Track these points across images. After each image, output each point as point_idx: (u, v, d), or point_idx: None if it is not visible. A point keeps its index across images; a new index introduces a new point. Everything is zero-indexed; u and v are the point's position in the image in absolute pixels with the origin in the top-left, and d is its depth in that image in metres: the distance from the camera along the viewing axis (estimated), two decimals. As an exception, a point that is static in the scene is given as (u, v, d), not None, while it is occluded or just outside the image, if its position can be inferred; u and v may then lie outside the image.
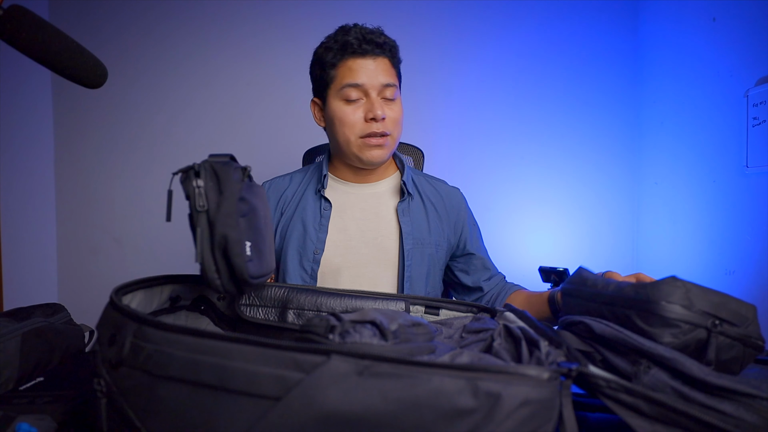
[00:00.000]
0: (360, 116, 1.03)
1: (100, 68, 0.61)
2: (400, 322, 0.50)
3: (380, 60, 1.04)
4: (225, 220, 0.57)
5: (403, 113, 1.11)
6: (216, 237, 0.56)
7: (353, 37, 1.03)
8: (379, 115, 1.01)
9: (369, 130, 1.03)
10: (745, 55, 1.57)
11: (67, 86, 1.90)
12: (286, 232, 1.12)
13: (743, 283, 1.57)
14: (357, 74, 1.02)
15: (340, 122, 1.05)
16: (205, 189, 0.58)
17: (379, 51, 1.04)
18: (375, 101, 1.03)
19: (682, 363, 0.46)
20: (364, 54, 1.03)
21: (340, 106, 1.04)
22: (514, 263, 2.08)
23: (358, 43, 1.03)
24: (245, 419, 0.38)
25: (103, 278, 2.04)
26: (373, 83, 1.03)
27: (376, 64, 1.03)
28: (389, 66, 1.06)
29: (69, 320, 0.81)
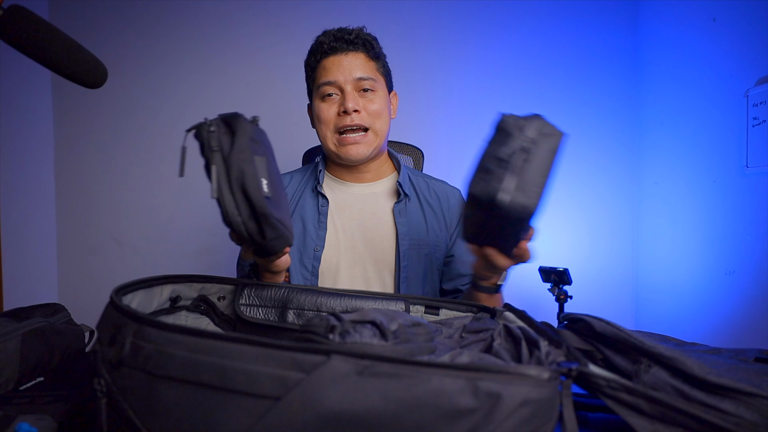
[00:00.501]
0: (334, 111, 1.06)
1: (100, 68, 0.61)
2: (400, 322, 0.50)
3: (354, 55, 1.06)
4: (239, 156, 0.59)
5: (390, 108, 1.12)
6: (232, 173, 0.59)
7: (326, 38, 1.07)
8: (350, 107, 1.03)
9: (342, 124, 1.05)
10: (745, 55, 1.57)
11: (67, 86, 1.90)
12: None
13: (743, 283, 1.57)
14: (330, 71, 1.05)
15: (318, 119, 1.08)
16: (217, 134, 0.61)
17: (351, 47, 1.06)
18: (348, 94, 1.04)
19: (683, 362, 0.46)
20: (335, 51, 1.06)
21: (318, 104, 1.08)
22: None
23: (329, 42, 1.06)
24: (245, 419, 0.38)
25: (103, 278, 2.04)
26: (347, 78, 1.05)
27: (349, 59, 1.06)
28: (365, 59, 1.08)
29: (69, 320, 0.81)
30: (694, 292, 1.78)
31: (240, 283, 0.73)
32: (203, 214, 2.06)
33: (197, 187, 2.05)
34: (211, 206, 2.28)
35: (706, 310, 1.72)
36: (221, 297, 0.74)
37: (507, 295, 2.23)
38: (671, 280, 1.91)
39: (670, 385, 0.46)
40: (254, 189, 0.59)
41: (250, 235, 0.61)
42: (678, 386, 0.45)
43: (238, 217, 0.59)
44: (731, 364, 0.55)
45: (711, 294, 1.70)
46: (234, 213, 0.59)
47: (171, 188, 2.06)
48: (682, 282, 1.85)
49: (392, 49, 2.13)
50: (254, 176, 0.59)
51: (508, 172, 0.63)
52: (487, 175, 0.64)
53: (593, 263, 2.08)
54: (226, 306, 0.74)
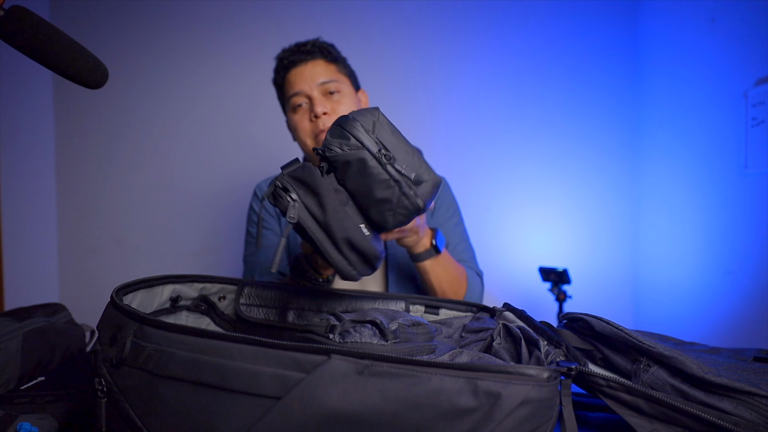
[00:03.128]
0: (307, 119, 1.10)
1: (100, 68, 0.62)
2: (400, 322, 0.50)
3: (313, 63, 1.11)
4: (336, 216, 0.59)
5: (359, 105, 1.14)
6: (336, 234, 0.59)
7: (285, 53, 1.13)
8: (319, 111, 1.07)
9: (317, 129, 1.08)
10: (744, 55, 1.57)
11: (67, 86, 1.91)
12: (289, 232, 1.14)
13: (743, 283, 1.58)
14: (295, 83, 1.10)
15: (295, 131, 1.13)
16: (300, 198, 0.60)
17: (309, 56, 1.11)
18: (316, 99, 1.08)
19: (682, 361, 0.46)
20: (296, 63, 1.11)
21: (291, 117, 1.13)
22: (514, 263, 2.08)
23: (289, 56, 1.12)
24: (245, 418, 0.38)
25: (103, 278, 2.04)
26: (311, 85, 1.09)
27: (310, 68, 1.10)
28: (325, 64, 1.12)
29: (70, 320, 0.82)
30: (694, 291, 1.78)
31: (240, 282, 0.74)
32: (203, 214, 2.06)
33: (197, 187, 2.06)
34: (211, 206, 2.27)
35: (705, 309, 1.72)
36: (222, 297, 0.74)
37: (507, 295, 2.24)
38: (671, 280, 1.91)
39: (670, 384, 0.46)
40: (360, 240, 0.60)
41: (361, 275, 0.63)
42: (677, 386, 0.46)
43: (354, 272, 0.61)
44: (730, 364, 0.55)
45: (710, 294, 1.70)
46: (345, 265, 0.61)
47: (171, 188, 2.06)
48: (681, 282, 1.85)
49: (392, 49, 2.13)
50: (356, 229, 0.61)
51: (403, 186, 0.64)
52: (385, 205, 0.64)
53: (593, 263, 2.08)
54: (227, 306, 0.74)
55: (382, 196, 0.62)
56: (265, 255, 1.14)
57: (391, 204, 0.63)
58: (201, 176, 2.06)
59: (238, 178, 2.03)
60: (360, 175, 0.62)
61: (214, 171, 2.06)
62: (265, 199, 1.19)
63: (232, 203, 2.04)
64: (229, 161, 2.06)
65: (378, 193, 0.62)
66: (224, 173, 2.06)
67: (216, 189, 2.06)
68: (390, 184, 0.62)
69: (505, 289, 2.06)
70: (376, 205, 0.63)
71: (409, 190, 0.63)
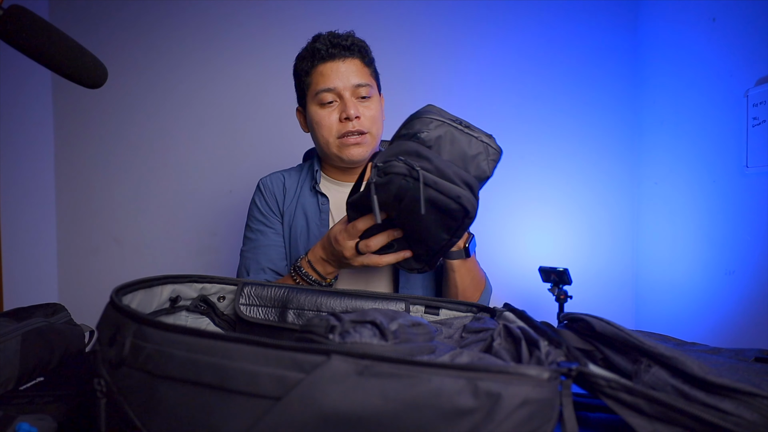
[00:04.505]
0: (335, 118, 1.08)
1: (100, 68, 0.61)
2: (400, 322, 0.50)
3: (350, 61, 1.08)
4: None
5: (382, 111, 1.14)
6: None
7: (321, 44, 1.08)
8: (352, 114, 1.05)
9: (345, 130, 1.07)
10: (745, 55, 1.57)
11: (67, 86, 1.90)
12: (291, 228, 1.15)
13: (743, 283, 1.57)
14: (328, 78, 1.07)
15: (318, 125, 1.09)
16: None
17: (347, 53, 1.08)
18: (348, 101, 1.06)
19: (683, 362, 0.46)
20: (333, 58, 1.07)
21: (316, 111, 1.09)
22: (514, 263, 2.08)
23: (326, 48, 1.07)
24: (245, 419, 0.38)
25: (103, 278, 2.04)
26: (345, 84, 1.07)
27: (346, 66, 1.07)
28: (361, 66, 1.10)
29: (69, 320, 0.81)
30: (694, 292, 1.78)
31: (240, 283, 0.74)
32: (203, 214, 2.06)
33: (197, 187, 2.05)
34: (211, 206, 2.28)
35: (706, 310, 1.72)
36: (221, 297, 0.74)
37: (507, 295, 2.24)
38: (671, 280, 1.91)
39: (670, 384, 0.46)
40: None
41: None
42: (678, 386, 0.45)
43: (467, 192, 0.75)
44: (731, 364, 0.55)
45: (711, 294, 1.70)
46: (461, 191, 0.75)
47: (171, 188, 2.06)
48: (682, 282, 1.85)
49: (392, 48, 2.13)
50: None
51: (482, 138, 0.81)
52: (479, 156, 0.79)
53: (593, 263, 2.08)
54: (226, 306, 0.74)
55: (474, 151, 0.80)
56: (264, 254, 1.14)
57: (483, 154, 0.80)
58: (201, 176, 2.06)
59: (238, 178, 2.03)
60: (454, 143, 0.79)
61: (214, 171, 2.06)
62: (268, 195, 1.19)
63: (232, 203, 2.04)
64: (229, 161, 2.05)
65: (470, 150, 0.79)
66: (224, 173, 2.06)
67: (216, 189, 2.06)
68: (476, 139, 0.80)
69: (505, 289, 2.06)
70: (472, 160, 0.79)
71: (491, 140, 0.82)
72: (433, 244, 0.82)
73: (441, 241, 0.81)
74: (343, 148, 1.08)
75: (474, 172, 0.78)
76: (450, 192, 0.73)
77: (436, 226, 0.79)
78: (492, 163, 0.79)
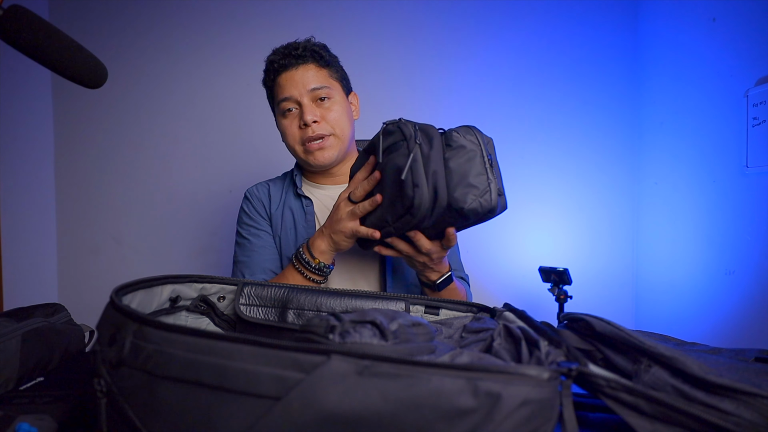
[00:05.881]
0: (296, 125, 1.11)
1: (100, 68, 0.61)
2: (400, 322, 0.50)
3: (305, 67, 1.10)
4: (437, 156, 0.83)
5: (350, 110, 1.16)
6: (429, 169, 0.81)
7: (276, 56, 1.12)
8: (309, 119, 1.08)
9: (305, 136, 1.10)
10: (745, 55, 1.57)
11: (67, 86, 1.90)
12: (281, 233, 1.17)
13: (743, 283, 1.57)
14: (285, 87, 1.10)
15: (284, 135, 1.14)
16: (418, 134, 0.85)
17: (300, 60, 1.10)
18: (307, 107, 1.09)
19: (683, 362, 0.46)
20: (287, 68, 1.10)
21: (281, 121, 1.14)
22: (514, 263, 2.08)
23: (280, 59, 1.10)
24: (245, 419, 0.38)
25: (103, 278, 2.04)
26: (301, 91, 1.09)
27: (300, 73, 1.09)
28: (316, 69, 1.11)
29: (69, 320, 0.81)
30: (694, 292, 1.78)
31: (240, 283, 0.74)
32: (203, 214, 2.06)
33: (197, 187, 2.05)
34: (211, 206, 2.27)
35: (706, 310, 1.72)
36: (221, 297, 0.74)
37: (507, 295, 2.23)
38: (671, 280, 1.91)
39: (670, 384, 0.46)
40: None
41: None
42: (678, 386, 0.45)
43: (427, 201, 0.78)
44: (731, 364, 0.55)
45: (711, 294, 1.70)
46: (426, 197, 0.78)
47: (171, 188, 2.06)
48: (682, 282, 1.85)
49: (392, 49, 2.13)
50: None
51: (491, 185, 0.80)
52: (473, 188, 0.79)
53: (593, 263, 2.08)
54: (226, 306, 0.74)
55: (475, 182, 0.79)
56: (259, 255, 1.14)
57: (478, 190, 0.79)
58: (201, 176, 2.06)
59: (238, 178, 2.03)
60: (468, 162, 0.79)
61: (214, 171, 2.06)
62: (255, 202, 1.21)
63: (232, 203, 2.04)
64: (229, 161, 2.06)
65: (473, 178, 0.79)
66: (224, 173, 2.06)
67: (216, 189, 2.06)
68: (486, 178, 0.79)
69: (505, 289, 2.06)
70: (465, 186, 0.79)
71: (495, 193, 0.80)
72: (383, 216, 0.87)
73: (384, 221, 0.87)
74: (308, 154, 1.11)
75: (456, 194, 0.79)
76: (416, 177, 0.78)
77: (391, 198, 0.84)
78: (477, 204, 0.79)
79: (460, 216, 0.81)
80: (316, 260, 0.96)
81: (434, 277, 0.96)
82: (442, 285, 0.97)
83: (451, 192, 0.79)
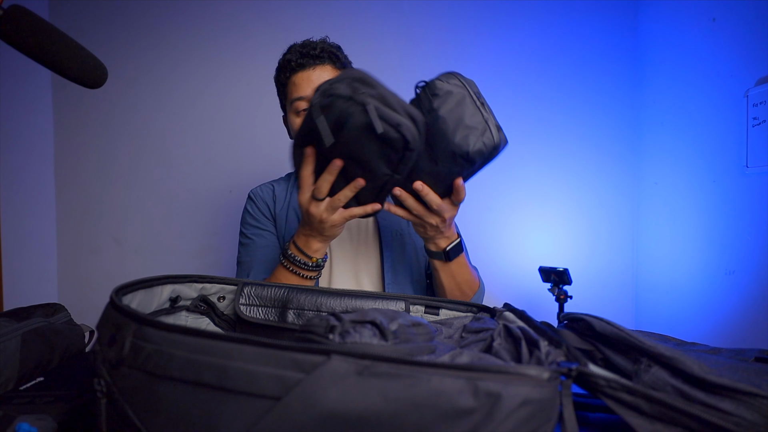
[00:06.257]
0: None
1: (100, 68, 0.61)
2: (400, 322, 0.50)
3: (321, 68, 1.11)
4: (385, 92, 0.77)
5: None
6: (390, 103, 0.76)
7: (292, 54, 1.12)
8: None
9: None
10: (745, 55, 1.57)
11: (67, 86, 1.90)
12: (285, 234, 1.17)
13: (743, 283, 1.57)
14: (300, 87, 1.10)
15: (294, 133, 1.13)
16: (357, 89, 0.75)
17: (317, 61, 1.10)
18: None
19: (683, 362, 0.46)
20: (303, 67, 1.10)
21: (293, 119, 1.13)
22: (514, 263, 2.08)
23: (297, 58, 1.11)
24: (245, 419, 0.38)
25: (103, 278, 2.04)
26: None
27: (317, 74, 1.10)
28: (332, 71, 1.12)
29: (69, 320, 0.81)
30: (694, 292, 1.78)
31: (240, 283, 0.74)
32: (203, 214, 2.06)
33: (197, 187, 2.05)
34: (211, 206, 2.27)
35: (706, 310, 1.72)
36: (221, 297, 0.74)
37: (507, 295, 2.23)
38: (671, 280, 1.91)
39: (670, 384, 0.46)
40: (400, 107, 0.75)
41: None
42: (678, 386, 0.45)
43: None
44: (731, 364, 0.55)
45: (711, 294, 1.70)
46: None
47: (171, 188, 2.06)
48: (682, 282, 1.85)
49: (392, 48, 2.13)
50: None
51: (489, 122, 0.78)
52: (472, 130, 0.78)
53: (593, 263, 2.08)
54: (226, 306, 0.74)
55: (472, 123, 0.77)
56: (263, 255, 1.14)
57: (477, 131, 0.77)
58: (201, 176, 2.06)
59: (238, 178, 2.03)
60: (459, 105, 0.78)
61: (214, 171, 2.06)
62: (259, 202, 1.21)
63: (232, 203, 2.04)
64: (229, 161, 2.05)
65: (468, 120, 0.77)
66: (224, 173, 2.06)
67: (216, 189, 2.06)
68: (482, 116, 0.78)
69: (505, 289, 2.06)
70: (464, 129, 0.77)
71: (495, 129, 0.78)
72: (375, 180, 0.80)
73: (383, 177, 0.80)
74: None
75: (456, 140, 0.77)
76: (390, 119, 0.72)
77: (376, 158, 0.77)
78: (481, 144, 0.77)
79: (466, 161, 0.79)
80: (313, 259, 0.93)
81: (443, 244, 0.94)
82: (452, 253, 0.95)
83: (451, 139, 0.77)
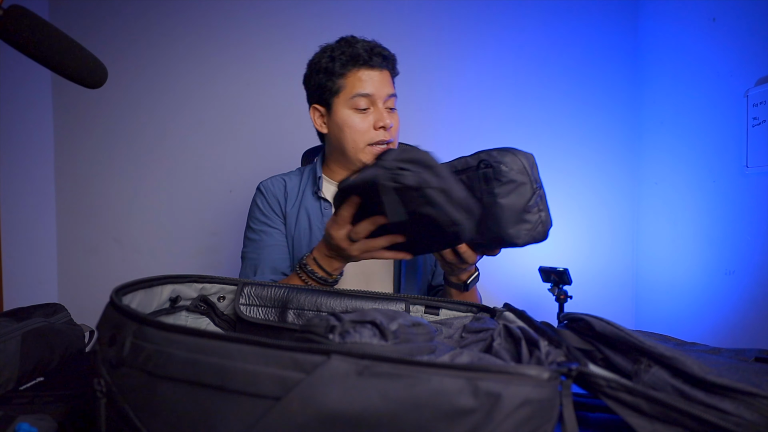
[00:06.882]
0: (369, 124, 1.09)
1: (100, 68, 0.61)
2: (400, 322, 0.50)
3: (384, 72, 1.11)
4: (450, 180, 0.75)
5: None
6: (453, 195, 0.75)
7: (362, 49, 1.09)
8: (388, 123, 1.08)
9: (378, 138, 1.09)
10: (745, 55, 1.57)
11: (67, 86, 1.89)
12: (294, 233, 1.16)
13: (743, 283, 1.57)
14: (366, 84, 1.08)
15: (351, 129, 1.10)
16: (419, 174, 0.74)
17: (385, 63, 1.11)
18: (383, 111, 1.09)
19: (683, 362, 0.46)
20: (372, 66, 1.09)
21: (349, 114, 1.10)
22: (514, 263, 2.08)
23: (368, 54, 1.09)
24: (245, 419, 0.38)
25: (103, 278, 2.04)
26: (380, 93, 1.09)
27: (382, 76, 1.10)
28: (390, 78, 1.13)
29: (69, 320, 0.81)
30: (694, 292, 1.78)
31: (240, 283, 0.74)
32: (203, 214, 2.06)
33: (197, 187, 2.05)
34: (211, 206, 2.28)
35: (706, 310, 1.72)
36: (221, 297, 0.74)
37: (507, 295, 2.23)
38: (671, 280, 1.91)
39: (670, 384, 0.46)
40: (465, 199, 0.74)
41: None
42: (678, 386, 0.45)
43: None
44: (731, 364, 0.55)
45: (711, 294, 1.70)
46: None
47: (171, 188, 2.06)
48: (682, 282, 1.85)
49: (392, 48, 2.12)
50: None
51: (542, 216, 0.82)
52: (525, 224, 0.81)
53: (593, 263, 2.08)
54: (226, 306, 0.74)
55: (528, 218, 0.80)
56: (270, 254, 1.13)
57: (530, 225, 0.81)
58: (201, 176, 2.06)
59: (238, 178, 2.03)
60: (520, 197, 0.79)
61: (214, 171, 2.06)
62: (269, 197, 1.18)
63: (232, 203, 2.04)
64: (229, 161, 2.05)
65: (525, 214, 0.80)
66: (224, 173, 2.05)
67: (216, 189, 2.06)
68: (538, 209, 0.81)
69: (505, 289, 2.06)
70: (519, 221, 0.80)
71: (546, 223, 0.82)
72: (423, 248, 0.87)
73: (430, 248, 0.87)
74: (369, 155, 1.10)
75: (509, 230, 0.81)
76: (451, 216, 0.72)
77: (429, 237, 0.81)
78: (529, 237, 0.81)
79: (510, 246, 0.84)
80: (333, 276, 0.91)
81: (465, 277, 0.98)
82: (471, 285, 0.99)
83: (504, 228, 0.80)
